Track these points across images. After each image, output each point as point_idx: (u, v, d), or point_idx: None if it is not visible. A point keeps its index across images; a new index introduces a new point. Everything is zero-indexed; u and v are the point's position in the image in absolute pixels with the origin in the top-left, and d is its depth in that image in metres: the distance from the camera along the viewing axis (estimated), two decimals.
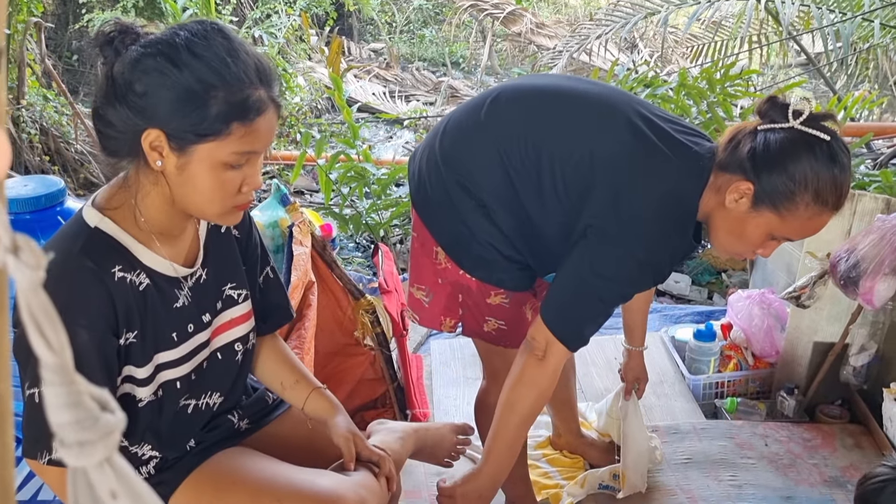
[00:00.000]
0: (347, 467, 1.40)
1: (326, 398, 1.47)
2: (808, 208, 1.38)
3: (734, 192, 1.41)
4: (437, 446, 1.69)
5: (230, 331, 1.35)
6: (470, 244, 1.60)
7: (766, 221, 1.42)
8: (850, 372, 2.51)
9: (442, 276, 1.68)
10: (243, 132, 1.13)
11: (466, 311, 1.71)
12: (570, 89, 1.62)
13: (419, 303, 1.77)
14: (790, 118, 1.38)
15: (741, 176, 1.41)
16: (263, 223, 2.28)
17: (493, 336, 1.72)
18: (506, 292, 1.65)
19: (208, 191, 1.16)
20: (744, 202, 1.41)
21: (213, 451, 1.36)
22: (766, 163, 1.38)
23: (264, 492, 1.30)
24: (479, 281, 1.64)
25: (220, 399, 1.37)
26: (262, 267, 1.44)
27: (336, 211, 4.25)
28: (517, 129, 1.55)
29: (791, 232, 1.44)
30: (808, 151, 1.36)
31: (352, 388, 2.42)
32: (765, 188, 1.38)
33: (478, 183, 1.56)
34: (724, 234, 1.50)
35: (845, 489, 2.32)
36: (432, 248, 1.66)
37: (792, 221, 1.40)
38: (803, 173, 1.36)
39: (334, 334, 2.38)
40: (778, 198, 1.38)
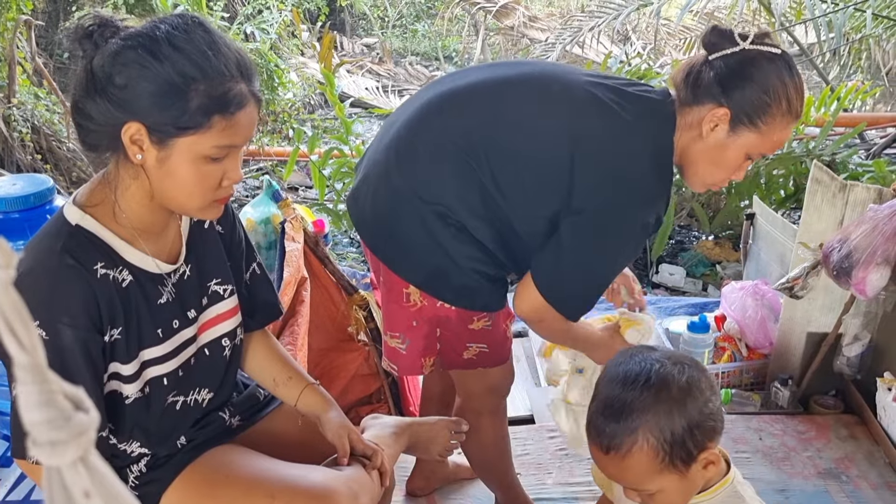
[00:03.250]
0: (340, 462, 1.39)
1: (319, 394, 1.47)
2: (783, 118, 1.43)
3: (710, 120, 1.43)
4: (430, 441, 1.69)
5: (217, 326, 1.34)
6: (450, 275, 1.53)
7: (746, 141, 1.44)
8: (843, 362, 2.51)
9: (416, 318, 1.60)
10: (224, 125, 1.13)
11: (445, 343, 1.64)
12: (513, 77, 1.54)
13: (395, 352, 1.68)
14: (738, 41, 1.41)
15: (713, 103, 1.42)
16: (255, 220, 2.28)
17: (473, 361, 1.66)
18: (488, 315, 1.61)
19: (189, 184, 1.15)
20: (721, 128, 1.43)
21: (204, 448, 1.35)
22: (735, 84, 1.40)
23: (257, 488, 1.29)
24: (461, 309, 1.58)
25: (210, 395, 1.36)
26: (249, 262, 1.43)
27: (330, 207, 4.25)
28: (480, 137, 1.47)
29: (767, 146, 1.46)
30: (770, 64, 1.41)
31: (346, 383, 2.42)
32: (742, 108, 1.41)
33: (455, 206, 1.47)
34: (704, 166, 1.49)
35: (839, 480, 2.32)
36: (401, 291, 1.58)
37: (769, 134, 1.44)
38: (773, 85, 1.40)
39: (328, 330, 2.37)
40: (755, 114, 1.41)
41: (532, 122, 1.49)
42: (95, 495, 0.32)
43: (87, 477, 0.32)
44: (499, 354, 1.68)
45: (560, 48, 5.91)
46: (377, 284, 1.67)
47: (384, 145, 1.57)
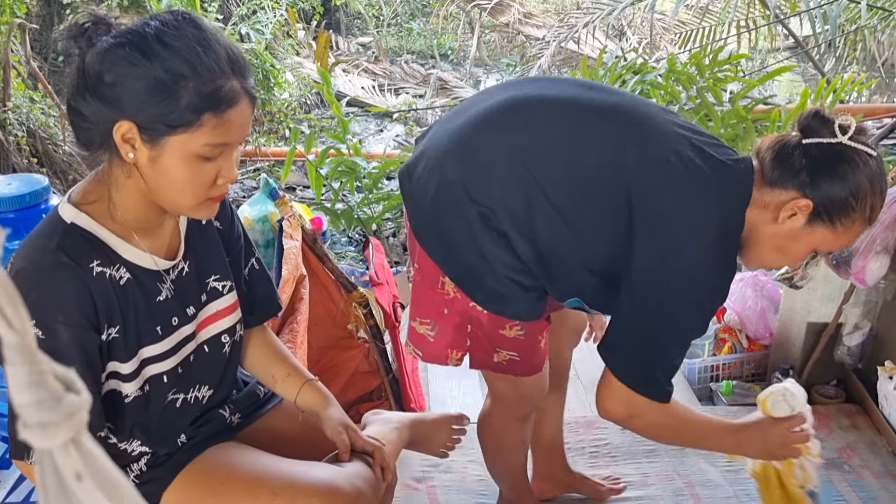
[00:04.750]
0: (342, 458, 1.39)
1: (319, 390, 1.46)
2: (861, 223, 1.39)
3: (790, 208, 1.37)
4: (432, 436, 1.68)
5: (216, 323, 1.33)
6: (485, 278, 1.48)
7: (819, 237, 1.39)
8: (844, 351, 2.51)
9: (449, 306, 1.56)
10: (215, 123, 1.12)
11: (475, 341, 1.59)
12: (599, 104, 1.48)
13: (422, 338, 1.64)
14: (838, 133, 1.35)
15: (797, 192, 1.36)
16: (253, 218, 2.27)
17: (504, 366, 1.61)
18: (521, 324, 1.54)
19: (181, 183, 1.14)
20: (797, 219, 1.38)
21: (204, 446, 1.34)
22: (826, 179, 1.34)
23: (258, 486, 1.28)
24: (491, 314, 1.53)
25: (210, 392, 1.35)
26: (247, 258, 1.42)
27: (328, 206, 4.24)
28: (543, 154, 1.43)
29: (836, 245, 1.43)
30: (865, 167, 1.35)
31: (346, 381, 2.41)
32: (824, 204, 1.35)
33: (501, 213, 1.42)
34: (768, 251, 1.44)
35: (842, 470, 2.32)
36: (437, 279, 1.54)
37: (843, 235, 1.39)
38: (863, 189, 1.35)
39: (327, 328, 2.36)
40: (837, 213, 1.36)
41: (601, 163, 1.42)
42: (87, 477, 0.31)
43: (79, 459, 0.32)
44: (530, 365, 1.62)
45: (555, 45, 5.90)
46: (414, 267, 1.60)
47: (450, 130, 1.51)
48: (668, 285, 1.39)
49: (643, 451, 2.37)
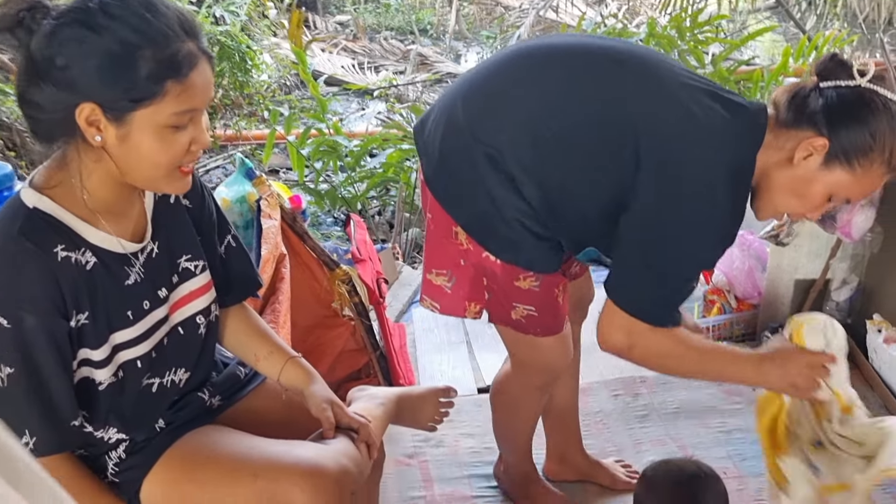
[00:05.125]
0: (326, 436, 1.36)
1: (302, 367, 1.44)
2: (880, 167, 1.34)
3: (805, 148, 1.33)
4: (419, 410, 1.66)
5: (190, 304, 1.30)
6: (496, 224, 1.47)
7: (835, 179, 1.35)
8: (833, 307, 2.50)
9: (464, 258, 1.55)
10: (179, 90, 1.08)
11: (492, 295, 1.57)
12: (607, 49, 1.49)
13: (439, 289, 1.62)
14: (857, 76, 1.32)
15: (813, 131, 1.33)
16: (230, 199, 2.23)
17: (523, 324, 1.59)
18: (535, 275, 1.52)
19: (155, 157, 1.11)
20: (814, 159, 1.34)
21: (184, 430, 1.32)
22: (843, 119, 1.32)
23: (240, 468, 1.26)
24: (505, 264, 1.51)
25: (187, 376, 1.32)
26: (222, 235, 1.39)
27: (311, 187, 4.20)
28: (553, 94, 1.43)
29: (854, 191, 1.38)
30: (885, 110, 1.31)
31: (334, 359, 2.38)
32: (842, 144, 1.32)
33: (508, 155, 1.42)
34: (783, 195, 1.40)
35: None
36: (451, 228, 1.53)
37: (862, 179, 1.35)
38: (882, 131, 1.31)
39: (312, 307, 2.33)
40: (855, 153, 1.32)
41: (610, 102, 1.41)
42: None
43: None
44: (549, 321, 1.59)
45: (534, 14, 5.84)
46: (427, 217, 1.59)
47: (460, 81, 1.55)
48: (675, 216, 1.37)
49: (635, 416, 2.36)
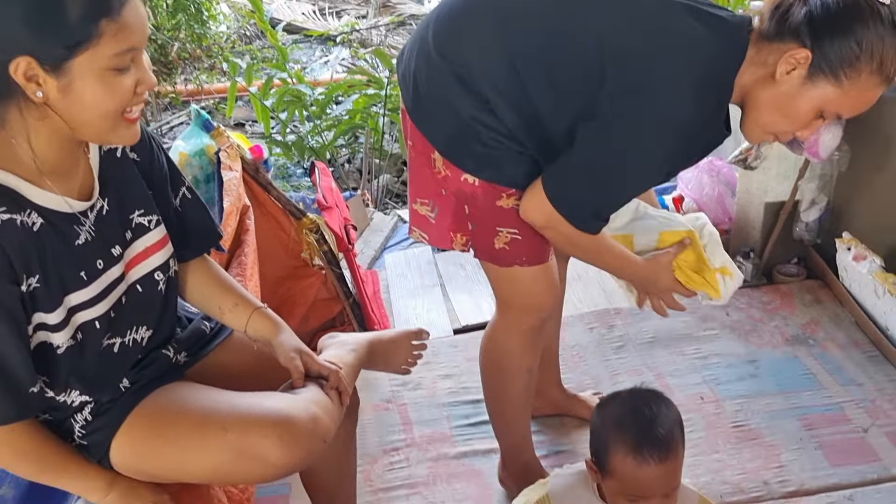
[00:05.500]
0: (296, 385, 1.35)
1: (269, 317, 1.41)
2: (870, 78, 1.26)
3: (787, 62, 1.27)
4: (391, 354, 1.65)
5: (146, 261, 1.27)
6: (472, 144, 1.44)
7: (822, 94, 1.28)
8: (803, 228, 2.50)
9: (444, 186, 1.52)
10: (115, 29, 1.03)
11: (476, 225, 1.54)
12: None
13: (425, 220, 1.62)
14: None
15: (796, 43, 1.26)
16: (189, 153, 2.18)
17: (507, 252, 1.54)
18: (518, 193, 1.47)
19: (101, 104, 1.06)
20: (797, 73, 1.27)
21: (151, 388, 1.29)
22: (827, 27, 1.24)
23: (208, 423, 1.24)
24: (486, 183, 1.46)
25: (149, 334, 1.30)
26: (176, 187, 1.35)
27: (278, 138, 4.13)
28: (520, 13, 1.39)
29: (845, 106, 1.30)
30: (873, 16, 1.23)
31: (307, 310, 2.36)
32: (826, 55, 1.25)
33: (478, 75, 1.40)
34: (768, 112, 1.34)
35: (807, 345, 2.34)
36: (429, 156, 1.51)
37: (850, 92, 1.27)
38: (870, 39, 1.23)
39: (281, 258, 2.30)
40: (840, 65, 1.25)
41: (577, 18, 1.37)
42: None
43: None
44: (534, 246, 1.54)
45: None
46: (409, 145, 1.56)
47: (437, 7, 1.53)
48: (630, 122, 1.34)
49: (611, 348, 2.38)
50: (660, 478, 1.32)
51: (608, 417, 1.40)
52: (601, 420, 1.41)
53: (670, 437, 1.34)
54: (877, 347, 2.30)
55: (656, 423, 1.34)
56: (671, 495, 1.35)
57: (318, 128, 4.09)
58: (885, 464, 1.93)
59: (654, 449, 1.31)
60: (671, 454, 1.33)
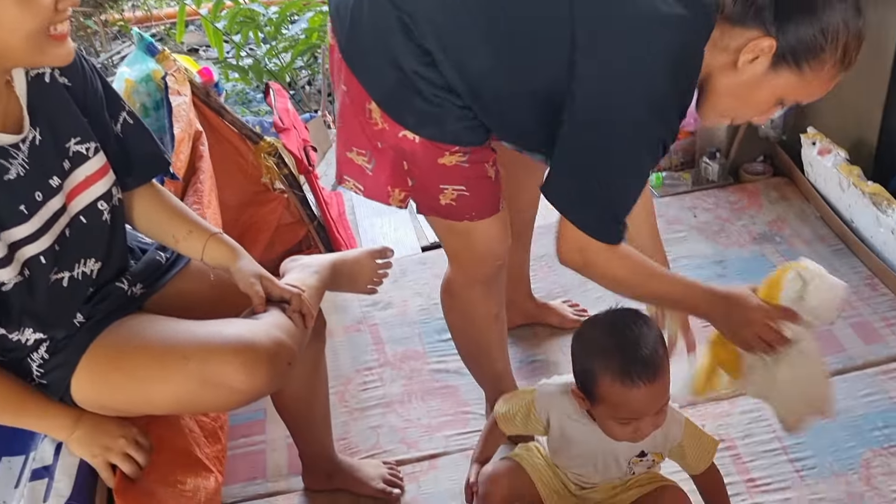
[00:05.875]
0: (258, 311, 1.32)
1: (226, 243, 1.37)
2: (832, 68, 1.22)
3: (751, 50, 1.21)
4: (356, 274, 1.63)
5: (88, 190, 1.22)
6: (412, 97, 1.34)
7: (784, 83, 1.24)
8: (768, 125, 2.48)
9: (381, 139, 1.41)
10: None
11: (416, 181, 1.44)
12: None
13: (360, 170, 1.48)
14: None
15: (759, 31, 1.20)
16: (135, 79, 2.09)
17: (454, 208, 1.45)
18: (462, 149, 1.38)
19: (21, 25, 1.00)
20: (760, 62, 1.22)
21: (107, 322, 1.26)
22: (794, 14, 1.19)
23: (168, 353, 1.22)
24: (427, 141, 1.37)
25: (98, 266, 1.26)
26: (115, 113, 1.28)
27: (234, 62, 4.00)
28: None
29: (805, 94, 1.27)
30: (840, 2, 1.19)
31: (271, 235, 2.33)
32: (790, 45, 1.20)
33: (423, 24, 1.29)
34: (727, 100, 1.29)
35: (774, 242, 2.35)
36: (364, 106, 1.38)
37: (812, 81, 1.24)
38: (836, 26, 1.18)
39: (240, 184, 2.25)
40: (804, 55, 1.20)
41: None
42: None
43: None
44: (483, 200, 1.46)
45: None
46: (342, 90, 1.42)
47: None
48: (615, 117, 1.25)
49: None
50: (650, 398, 1.31)
51: (590, 345, 1.36)
52: (582, 348, 1.38)
53: (656, 356, 1.31)
54: (842, 241, 2.31)
55: (640, 343, 1.31)
56: (662, 410, 1.35)
57: (274, 49, 3.96)
58: (850, 353, 1.97)
59: (642, 371, 1.29)
60: (659, 373, 1.31)
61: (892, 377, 1.89)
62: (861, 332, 2.02)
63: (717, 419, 1.84)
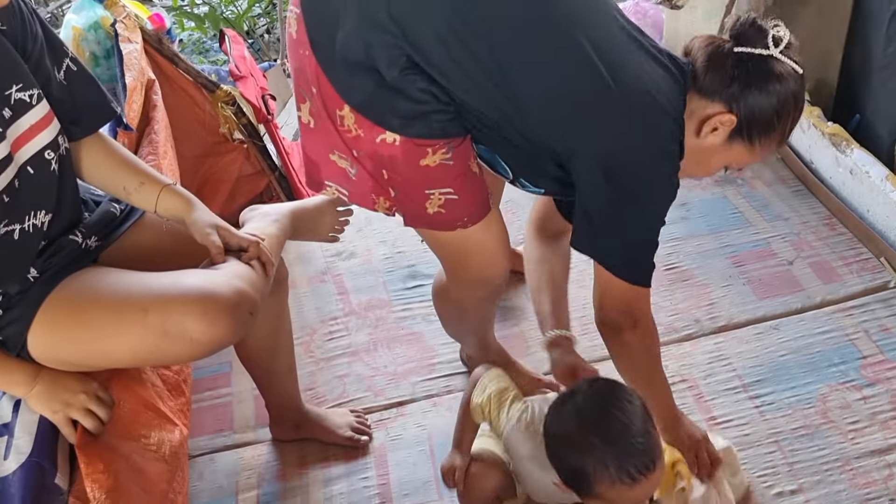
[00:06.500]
0: (216, 261, 1.30)
1: (180, 194, 1.34)
2: (777, 142, 1.35)
3: (714, 123, 1.30)
4: (317, 222, 1.61)
5: (34, 140, 1.17)
6: (394, 99, 1.27)
7: (734, 154, 1.35)
8: None
9: (356, 147, 1.33)
10: None
11: (399, 191, 1.36)
12: None
13: (344, 174, 1.39)
14: (771, 46, 1.27)
15: (723, 106, 1.29)
16: (82, 27, 2.03)
17: (444, 216, 1.38)
18: (446, 145, 1.31)
19: None
20: (719, 134, 1.31)
21: (63, 276, 1.23)
22: (754, 94, 1.28)
23: (126, 305, 1.20)
24: (407, 142, 1.29)
25: (49, 217, 1.22)
26: (58, 59, 1.23)
27: (189, 11, 3.89)
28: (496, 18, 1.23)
29: (748, 161, 1.38)
30: (794, 84, 1.29)
31: (232, 187, 2.29)
32: (748, 122, 1.29)
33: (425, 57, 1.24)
34: (684, 163, 1.33)
35: (735, 184, 2.37)
36: (335, 111, 1.31)
37: (757, 154, 1.35)
38: (787, 109, 1.30)
39: (198, 135, 2.20)
40: (758, 132, 1.31)
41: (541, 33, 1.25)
42: None
43: None
44: (473, 199, 1.38)
45: None
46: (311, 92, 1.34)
47: None
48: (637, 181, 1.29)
49: None
50: (651, 483, 1.24)
51: (574, 442, 1.25)
52: (566, 445, 1.27)
53: (650, 441, 1.24)
54: (801, 182, 2.34)
55: (631, 431, 1.22)
56: None
57: None
58: (809, 293, 2.00)
59: (641, 464, 1.21)
60: (657, 456, 1.24)
61: (849, 315, 1.93)
62: (819, 271, 2.06)
63: (679, 360, 1.87)
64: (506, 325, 2.00)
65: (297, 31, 1.32)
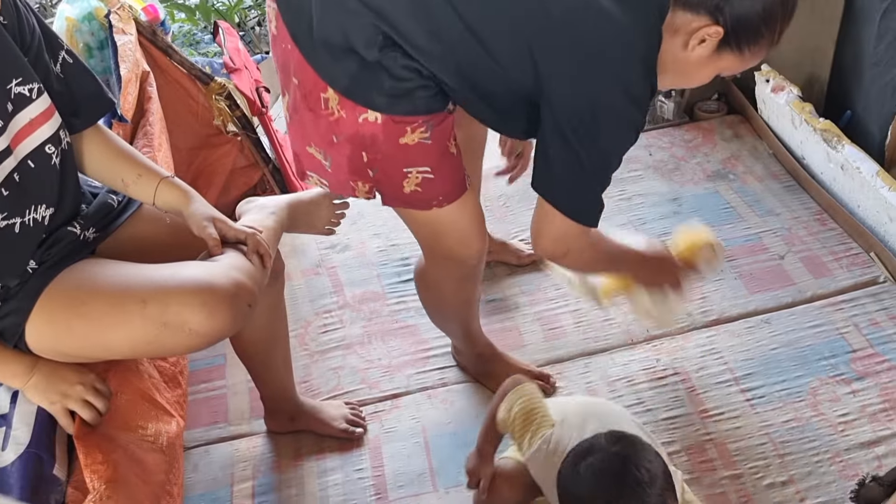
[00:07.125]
0: (214, 254, 1.30)
1: (177, 187, 1.35)
2: (767, 49, 1.33)
3: (700, 36, 1.28)
4: (313, 215, 1.61)
5: (34, 134, 1.17)
6: (379, 77, 1.29)
7: (725, 63, 1.33)
8: None
9: (336, 132, 1.35)
10: None
11: (378, 170, 1.39)
12: None
13: (320, 165, 1.43)
14: None
15: (709, 18, 1.27)
16: (76, 18, 2.02)
17: (420, 195, 1.41)
18: (424, 124, 1.34)
19: None
20: (706, 46, 1.29)
21: (61, 267, 1.23)
22: (739, 4, 1.26)
23: (125, 296, 1.20)
24: (389, 120, 1.32)
25: (50, 212, 1.22)
26: (54, 52, 1.23)
27: (180, 2, 3.86)
28: None
29: (740, 68, 1.37)
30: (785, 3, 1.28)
31: (226, 179, 2.29)
32: (735, 32, 1.28)
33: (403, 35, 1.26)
34: (673, 76, 1.35)
35: (727, 179, 2.38)
36: (318, 96, 1.32)
37: (748, 61, 1.34)
38: (775, 14, 1.28)
39: (192, 127, 2.20)
40: (746, 40, 1.29)
41: None
42: None
43: None
44: (449, 179, 1.41)
45: None
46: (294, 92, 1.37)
47: None
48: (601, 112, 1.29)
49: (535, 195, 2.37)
50: None
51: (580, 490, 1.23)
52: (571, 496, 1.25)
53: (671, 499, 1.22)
54: (793, 177, 2.36)
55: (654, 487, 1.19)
56: None
57: None
58: (800, 287, 2.02)
59: None
60: None
61: (839, 309, 1.95)
62: (810, 265, 2.08)
63: (672, 353, 1.88)
64: (498, 319, 2.01)
65: (276, 27, 1.36)
